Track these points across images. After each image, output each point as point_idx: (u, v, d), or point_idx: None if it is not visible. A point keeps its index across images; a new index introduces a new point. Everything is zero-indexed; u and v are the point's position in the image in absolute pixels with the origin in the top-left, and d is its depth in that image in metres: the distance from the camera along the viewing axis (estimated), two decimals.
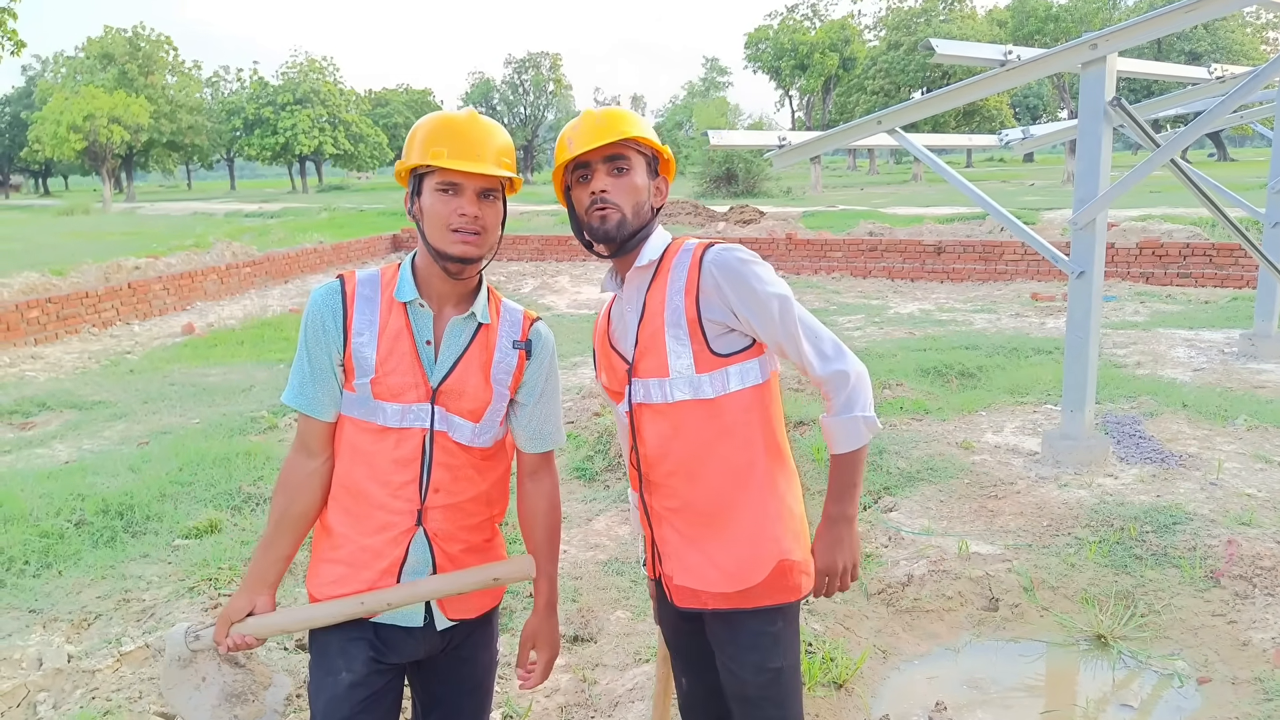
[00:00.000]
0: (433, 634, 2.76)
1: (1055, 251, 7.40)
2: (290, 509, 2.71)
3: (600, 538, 6.46)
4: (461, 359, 2.69)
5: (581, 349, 12.89)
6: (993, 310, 15.96)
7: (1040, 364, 10.48)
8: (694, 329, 2.68)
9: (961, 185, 7.76)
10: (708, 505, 2.77)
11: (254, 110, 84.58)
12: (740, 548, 2.75)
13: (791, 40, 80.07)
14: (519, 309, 2.86)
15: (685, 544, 2.82)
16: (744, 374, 2.72)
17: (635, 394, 2.81)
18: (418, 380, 2.64)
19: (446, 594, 2.69)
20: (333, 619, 2.64)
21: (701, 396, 2.71)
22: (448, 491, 2.70)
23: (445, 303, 2.70)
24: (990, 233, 22.09)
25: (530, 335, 2.81)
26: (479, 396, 2.70)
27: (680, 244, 2.80)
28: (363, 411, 2.65)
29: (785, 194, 48.94)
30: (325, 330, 2.64)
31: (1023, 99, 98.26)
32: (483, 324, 2.73)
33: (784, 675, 2.81)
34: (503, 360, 2.75)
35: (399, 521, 2.66)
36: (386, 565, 2.67)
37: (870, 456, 7.39)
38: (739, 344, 2.71)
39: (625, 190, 2.73)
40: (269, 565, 2.74)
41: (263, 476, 7.32)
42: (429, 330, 2.66)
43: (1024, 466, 7.26)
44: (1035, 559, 5.74)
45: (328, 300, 2.66)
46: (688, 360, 2.69)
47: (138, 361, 13.36)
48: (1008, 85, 7.43)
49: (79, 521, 6.46)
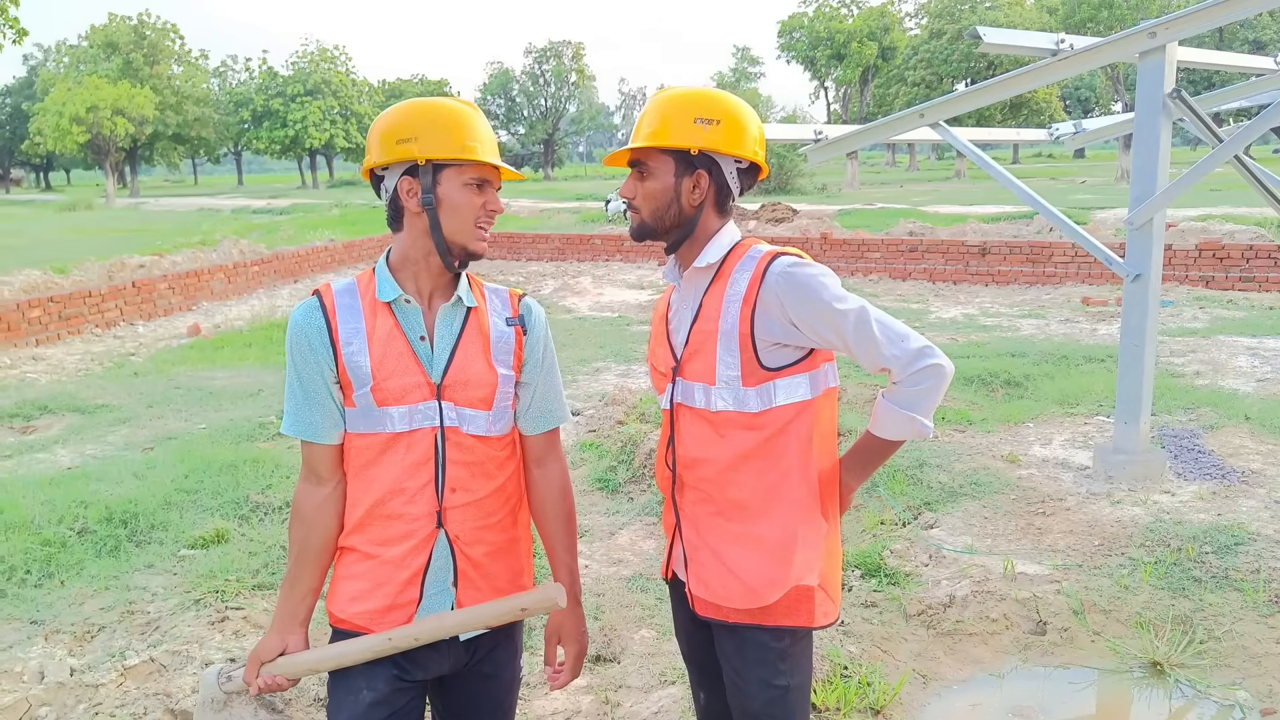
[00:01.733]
0: (456, 646, 2.77)
1: (1109, 253, 7.37)
2: (309, 540, 2.72)
3: (624, 552, 6.47)
4: (458, 346, 2.71)
5: (604, 353, 12.91)
6: (1041, 315, 15.89)
7: (1092, 373, 10.42)
8: (745, 342, 2.70)
9: (1008, 182, 7.73)
10: (736, 516, 2.80)
11: (263, 102, 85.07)
12: (761, 564, 2.78)
13: (827, 28, 79.96)
14: (503, 289, 2.90)
15: (709, 551, 2.85)
16: (791, 389, 2.73)
17: (678, 393, 2.86)
18: (420, 379, 2.65)
19: (474, 627, 2.70)
20: (362, 657, 2.65)
21: (745, 409, 2.73)
22: (465, 489, 2.71)
23: (431, 296, 2.73)
24: (1039, 233, 22.03)
25: (521, 310, 2.85)
26: (485, 382, 2.72)
27: (745, 248, 2.81)
28: (368, 424, 2.66)
29: (820, 191, 48.95)
30: (313, 349, 2.65)
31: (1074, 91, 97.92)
32: (471, 308, 2.76)
33: (790, 695, 2.83)
34: (500, 340, 2.77)
35: (419, 528, 2.67)
36: (409, 576, 2.68)
37: (910, 469, 7.39)
38: (790, 358, 2.72)
39: (645, 195, 2.82)
40: (297, 602, 2.75)
41: (271, 485, 7.36)
42: (421, 325, 2.68)
43: (1074, 482, 7.23)
44: (1086, 580, 5.71)
45: (309, 318, 2.67)
46: (735, 372, 2.72)
47: (142, 363, 13.46)
48: (1059, 76, 7.40)
49: (82, 530, 6.51)
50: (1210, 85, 52.25)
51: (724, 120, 2.77)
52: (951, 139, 8.07)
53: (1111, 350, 11.08)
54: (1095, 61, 7.31)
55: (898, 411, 2.69)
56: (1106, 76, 68.22)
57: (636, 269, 23.43)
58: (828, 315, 2.62)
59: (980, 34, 7.36)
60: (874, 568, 5.96)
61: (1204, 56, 8.40)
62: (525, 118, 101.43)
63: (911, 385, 2.64)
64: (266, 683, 2.71)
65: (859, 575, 5.92)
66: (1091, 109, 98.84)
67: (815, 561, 2.82)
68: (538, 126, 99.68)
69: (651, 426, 8.39)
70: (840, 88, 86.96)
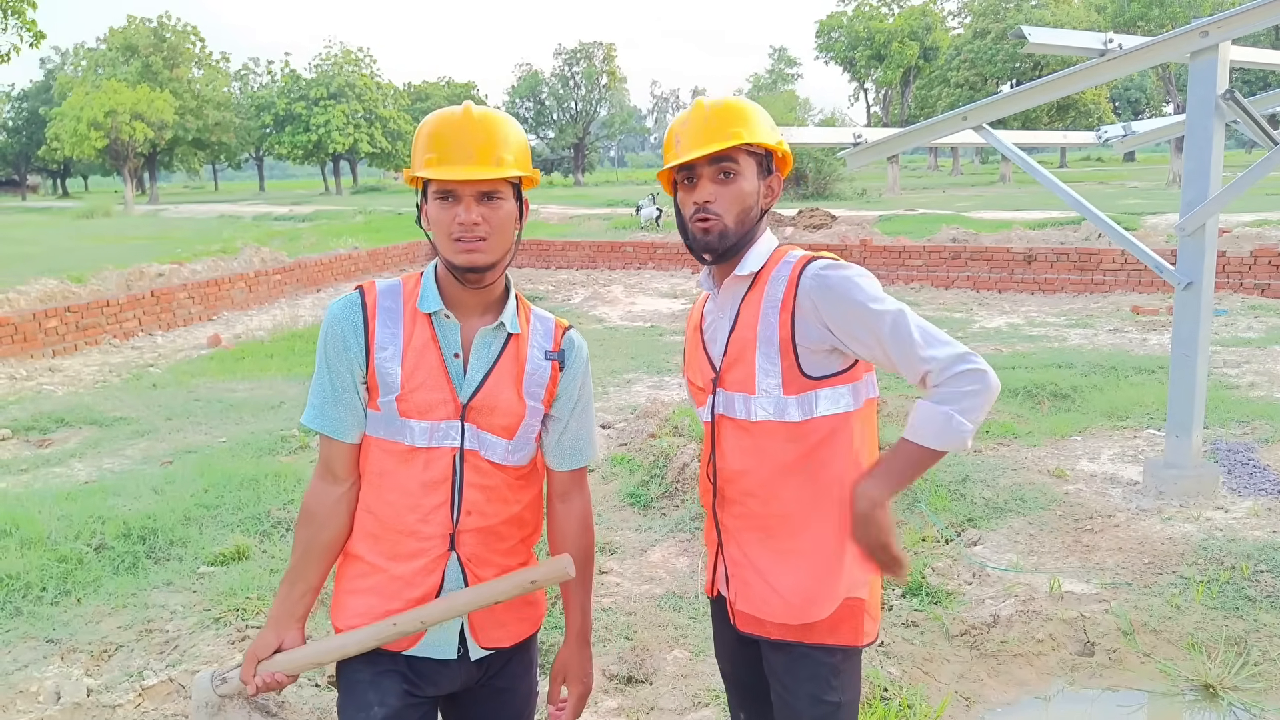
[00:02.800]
0: (468, 664, 2.78)
1: (1160, 260, 7.34)
2: (316, 538, 2.73)
3: (656, 570, 6.46)
4: (492, 372, 2.70)
5: (636, 365, 12.92)
6: (1089, 325, 15.82)
7: (1142, 384, 10.38)
8: (786, 348, 2.70)
9: (1055, 187, 7.71)
10: (779, 530, 2.81)
11: (285, 106, 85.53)
12: (806, 580, 2.79)
13: (867, 28, 79.88)
14: (550, 317, 2.89)
15: (751, 567, 2.87)
16: (834, 399, 2.73)
17: (718, 404, 2.86)
18: (446, 396, 2.65)
19: (483, 604, 2.69)
20: (364, 646, 2.66)
21: (786, 419, 2.73)
22: (481, 514, 2.71)
23: (471, 313, 2.72)
24: (1086, 239, 21.91)
25: (563, 344, 2.84)
26: (512, 412, 2.72)
27: (783, 254, 2.81)
28: (389, 431, 2.67)
29: (859, 196, 48.86)
30: (346, 346, 2.66)
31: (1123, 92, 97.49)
32: (512, 334, 2.75)
33: (841, 712, 2.83)
34: (535, 372, 2.77)
35: (431, 548, 2.68)
36: (419, 595, 2.68)
37: (953, 484, 7.37)
38: (833, 366, 2.72)
39: (730, 198, 2.75)
40: (296, 599, 2.75)
41: (293, 500, 7.39)
42: (456, 342, 2.68)
43: (1123, 497, 7.20)
44: (1135, 599, 5.69)
45: (347, 314, 2.68)
46: (776, 380, 2.72)
47: (161, 375, 13.54)
48: (1107, 77, 7.38)
49: (99, 546, 6.56)
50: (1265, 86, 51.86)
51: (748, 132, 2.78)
52: (996, 142, 8.05)
53: (1162, 361, 11.02)
54: (1145, 62, 7.29)
55: (934, 409, 2.55)
56: (1157, 77, 67.84)
57: (669, 277, 23.43)
58: (862, 316, 2.60)
59: (1025, 33, 7.35)
60: (915, 586, 5.95)
61: (1259, 56, 8.35)
62: (555, 121, 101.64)
63: (952, 387, 2.52)
64: (265, 680, 2.71)
65: (899, 594, 5.91)
66: (1142, 111, 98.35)
67: (862, 575, 2.82)
68: (567, 130, 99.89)
69: (685, 440, 8.39)
70: (880, 89, 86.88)
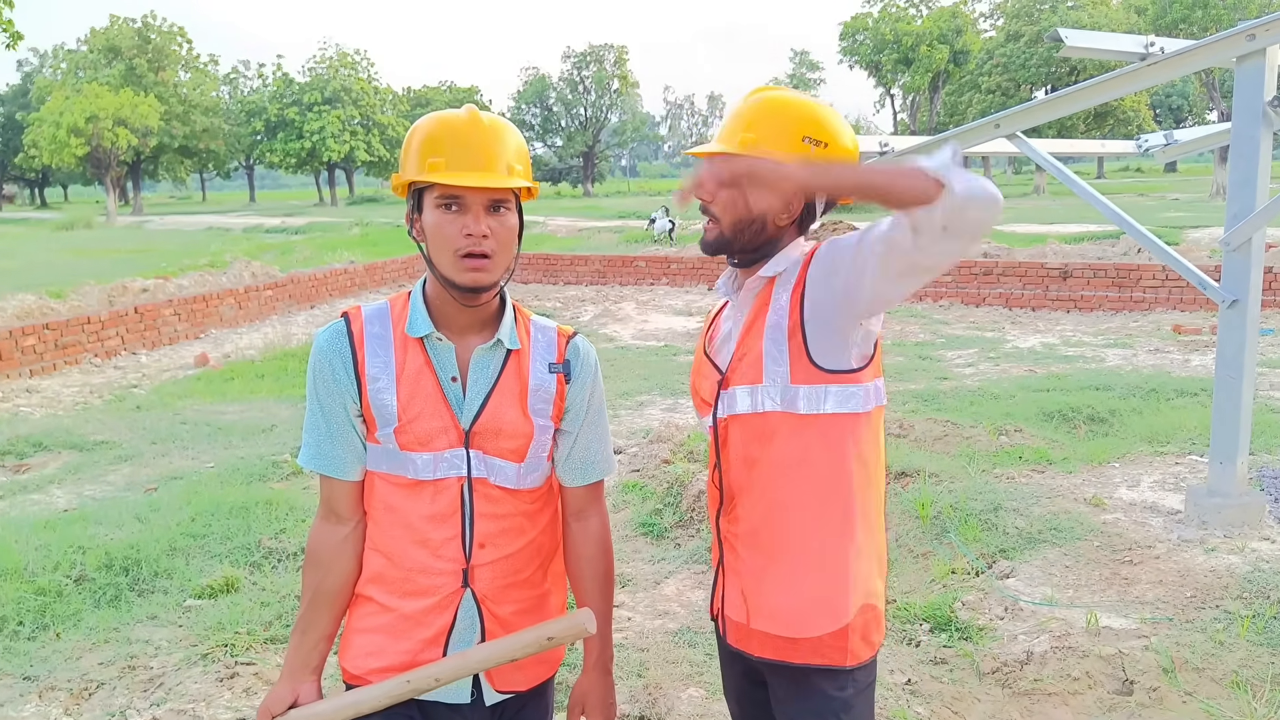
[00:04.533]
0: (482, 709, 2.77)
1: (1203, 276, 7.35)
2: (325, 583, 2.72)
3: (670, 604, 6.48)
4: (493, 393, 2.68)
5: (649, 385, 12.95)
6: (1128, 345, 15.82)
7: (1184, 408, 10.38)
8: (795, 330, 2.68)
9: (1092, 199, 7.73)
10: (776, 535, 2.79)
11: (277, 111, 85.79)
12: (800, 590, 2.77)
13: (894, 30, 79.94)
14: (552, 325, 2.86)
15: (746, 575, 2.85)
16: (844, 398, 2.71)
17: (723, 406, 2.84)
18: (447, 423, 2.63)
19: (498, 662, 2.67)
20: (379, 704, 2.64)
21: (793, 410, 2.70)
22: (494, 546, 2.70)
23: (466, 332, 2.68)
24: (1125, 254, 21.91)
25: (568, 354, 2.81)
26: (519, 433, 2.70)
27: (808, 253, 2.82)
28: (391, 465, 2.66)
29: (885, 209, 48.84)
30: (336, 379, 2.63)
31: (1165, 99, 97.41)
32: (512, 350, 2.72)
33: None
34: (540, 388, 2.74)
35: (443, 585, 2.67)
36: (431, 635, 2.68)
37: (983, 514, 7.36)
38: (846, 362, 2.70)
39: (725, 204, 2.76)
40: (309, 649, 2.73)
41: (285, 529, 7.41)
42: (453, 365, 2.65)
43: (1164, 527, 7.20)
44: (1177, 635, 5.68)
45: (334, 344, 2.66)
46: (784, 368, 2.70)
47: (145, 396, 13.58)
48: (1148, 83, 7.40)
49: (79, 577, 6.58)
50: None
51: (831, 143, 2.74)
52: (1030, 151, 8.07)
53: (1205, 383, 11.01)
54: (1188, 66, 7.30)
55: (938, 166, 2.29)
56: (1201, 83, 67.85)
57: (684, 294, 23.47)
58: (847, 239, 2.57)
59: (1062, 36, 7.38)
60: (944, 621, 5.95)
61: None
62: (563, 129, 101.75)
63: None
64: None
65: (928, 629, 5.91)
66: (1184, 118, 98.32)
67: (860, 595, 2.80)
68: (576, 138, 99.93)
69: (700, 466, 8.41)
70: (908, 95, 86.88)
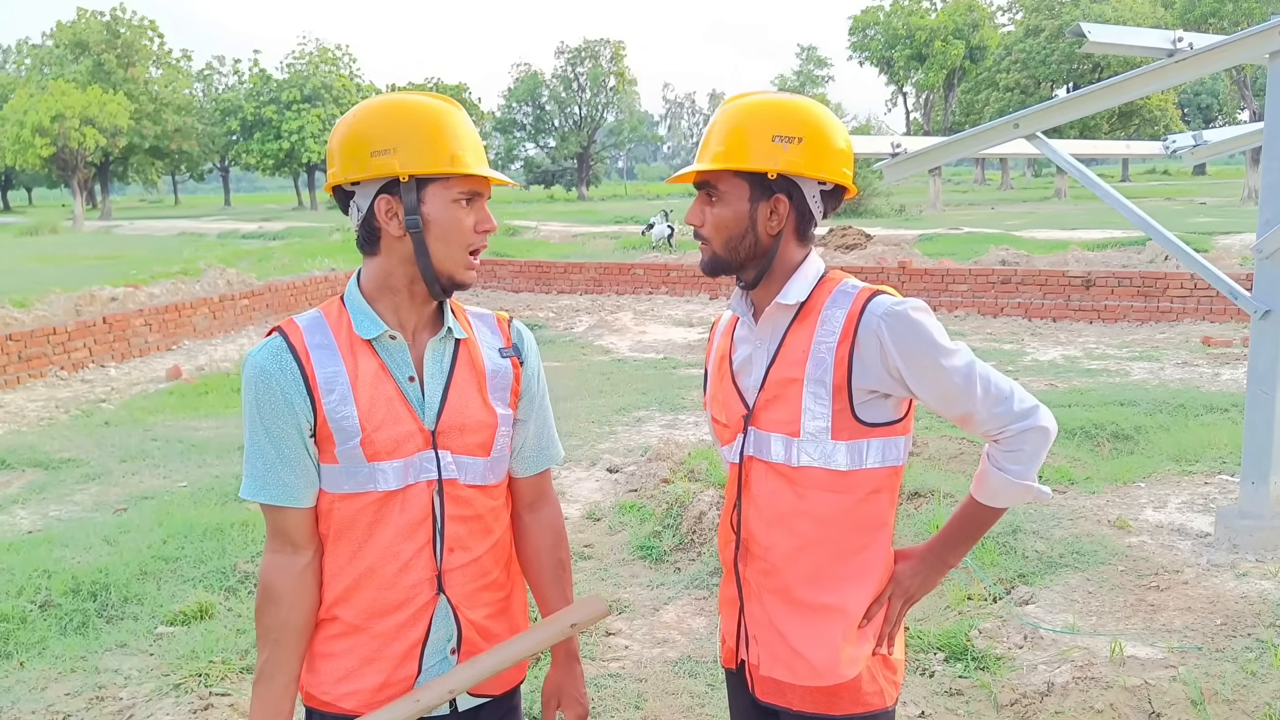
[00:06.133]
0: (456, 717, 2.79)
1: (1234, 285, 7.35)
2: (288, 622, 2.65)
3: (669, 631, 6.48)
4: (451, 386, 2.70)
5: (647, 401, 12.95)
6: (1154, 358, 15.83)
7: (1213, 424, 10.38)
8: (840, 391, 2.69)
9: (1117, 203, 7.74)
10: (807, 588, 2.80)
11: (253, 110, 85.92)
12: (834, 640, 2.78)
13: (907, 25, 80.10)
14: (488, 313, 2.90)
15: (774, 629, 2.85)
16: (885, 451, 2.74)
17: (749, 445, 2.84)
18: (413, 427, 2.64)
19: (523, 657, 2.71)
20: None
21: (832, 466, 2.72)
22: (464, 549, 2.72)
23: (416, 329, 2.70)
24: (1151, 262, 21.95)
25: (514, 338, 2.87)
26: (484, 424, 2.73)
27: (834, 283, 2.80)
28: (355, 483, 2.62)
29: (897, 213, 48.95)
30: (287, 400, 2.57)
31: (1193, 97, 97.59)
32: (460, 340, 2.75)
33: None
34: (496, 374, 2.79)
35: (417, 595, 2.68)
36: (406, 649, 2.69)
37: (1002, 536, 7.37)
38: (888, 414, 2.74)
39: (714, 223, 2.77)
40: (279, 697, 2.66)
41: (262, 551, 7.37)
42: (408, 364, 2.66)
43: (1192, 551, 7.20)
44: (1206, 665, 5.67)
45: (277, 361, 2.59)
46: (824, 423, 2.70)
47: (114, 411, 13.58)
48: (1176, 80, 7.41)
49: (44, 603, 6.58)
50: None
51: (806, 137, 2.73)
52: (1050, 153, 8.08)
53: (1236, 398, 11.02)
54: (1218, 63, 7.31)
55: (1012, 481, 2.71)
56: (1231, 80, 67.98)
57: (684, 303, 23.48)
58: (933, 369, 2.62)
59: (1084, 31, 7.38)
60: (960, 650, 5.95)
61: None
62: (556, 128, 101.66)
63: (1014, 447, 2.68)
64: None
65: (942, 658, 5.91)
66: (1214, 118, 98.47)
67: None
68: (571, 138, 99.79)
69: (702, 486, 8.41)
70: (921, 93, 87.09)
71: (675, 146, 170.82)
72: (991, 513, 2.82)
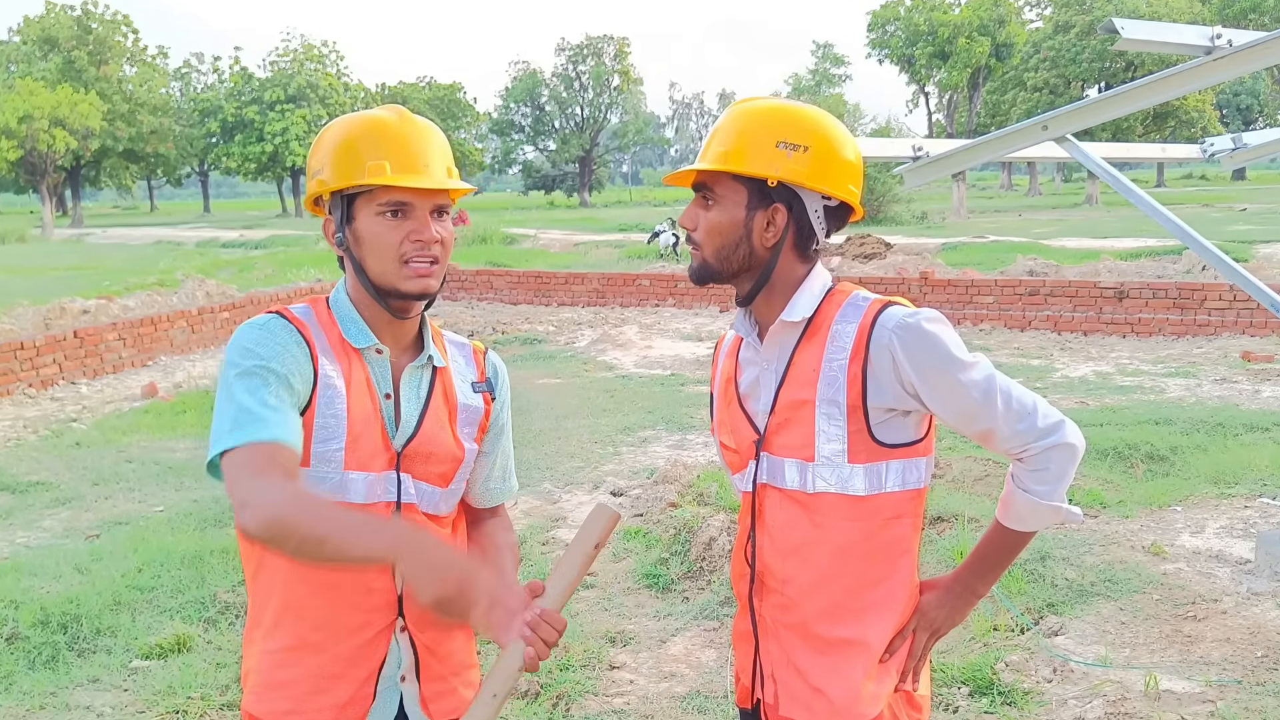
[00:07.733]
0: None
1: (1275, 297, 7.36)
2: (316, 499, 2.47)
3: (677, 664, 6.47)
4: (426, 414, 2.75)
5: (653, 420, 12.94)
6: (1191, 374, 15.79)
7: (1254, 444, 10.38)
8: (855, 411, 2.69)
9: (1151, 210, 7.75)
10: (826, 622, 2.80)
11: (234, 110, 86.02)
12: (855, 676, 2.78)
13: (929, 21, 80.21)
14: (465, 342, 2.96)
15: (793, 667, 2.85)
16: (906, 473, 2.75)
17: (762, 472, 2.84)
18: (381, 444, 2.68)
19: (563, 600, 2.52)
20: None
21: (850, 491, 2.72)
22: None
23: (394, 348, 2.76)
24: (1188, 272, 21.94)
25: (488, 373, 2.94)
26: (450, 456, 2.78)
27: (843, 296, 2.80)
28: (323, 489, 2.62)
29: (919, 220, 49.00)
30: (294, 358, 2.57)
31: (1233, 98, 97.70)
32: (438, 368, 2.82)
33: None
34: (467, 407, 2.85)
35: (376, 618, 2.71)
36: (364, 674, 2.72)
37: (1030, 563, 7.36)
38: (908, 434, 2.74)
39: (707, 228, 2.77)
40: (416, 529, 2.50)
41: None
42: (388, 382, 2.73)
43: (1232, 579, 7.20)
44: (1247, 700, 5.68)
45: (285, 331, 2.62)
46: (840, 445, 2.70)
47: (86, 432, 13.56)
48: (1214, 79, 7.41)
49: (12, 636, 6.57)
50: None
51: (813, 146, 2.71)
52: (1081, 156, 8.09)
53: (1279, 417, 11.03)
54: (1259, 62, 7.32)
55: (1038, 502, 2.70)
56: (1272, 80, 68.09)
57: (693, 316, 23.44)
58: (949, 384, 2.63)
59: (1117, 27, 7.40)
60: (985, 684, 5.95)
61: None
62: (556, 130, 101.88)
63: (1038, 466, 2.67)
64: None
65: (967, 693, 5.91)
66: (1254, 120, 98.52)
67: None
68: (572, 141, 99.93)
69: (711, 510, 8.40)
70: (944, 93, 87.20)
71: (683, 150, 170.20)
72: (1020, 537, 2.81)
